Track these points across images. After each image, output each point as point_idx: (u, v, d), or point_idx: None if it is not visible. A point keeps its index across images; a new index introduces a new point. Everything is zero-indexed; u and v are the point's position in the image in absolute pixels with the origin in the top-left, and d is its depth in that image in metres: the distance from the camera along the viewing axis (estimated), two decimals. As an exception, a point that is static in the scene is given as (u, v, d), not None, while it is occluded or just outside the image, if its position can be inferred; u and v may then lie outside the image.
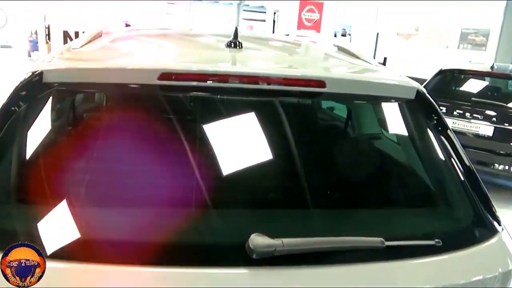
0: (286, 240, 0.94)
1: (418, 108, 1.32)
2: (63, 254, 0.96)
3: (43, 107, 1.17)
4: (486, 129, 4.98)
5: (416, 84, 1.33)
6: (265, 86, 1.18)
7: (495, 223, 1.19)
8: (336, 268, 1.01)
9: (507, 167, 4.96)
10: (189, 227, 1.02)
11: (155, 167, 1.14)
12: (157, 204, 1.06)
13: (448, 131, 1.30)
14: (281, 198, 1.16)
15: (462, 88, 5.74)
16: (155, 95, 1.24)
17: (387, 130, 1.57)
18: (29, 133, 1.13)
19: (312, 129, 1.53)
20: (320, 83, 1.19)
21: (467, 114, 5.13)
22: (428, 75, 6.07)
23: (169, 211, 1.05)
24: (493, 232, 1.17)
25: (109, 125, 1.32)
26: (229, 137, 1.23)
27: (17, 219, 1.06)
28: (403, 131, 1.37)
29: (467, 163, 1.26)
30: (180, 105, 1.30)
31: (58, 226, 1.01)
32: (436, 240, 1.05)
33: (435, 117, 1.31)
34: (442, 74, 5.89)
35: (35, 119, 1.16)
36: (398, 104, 1.35)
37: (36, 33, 19.46)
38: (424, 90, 1.33)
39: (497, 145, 4.96)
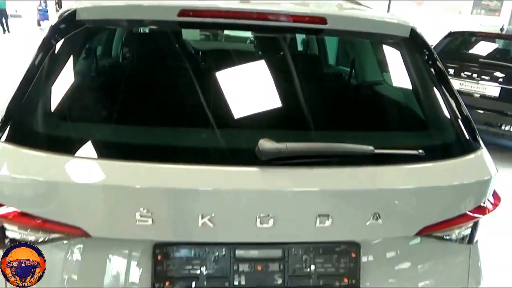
0: (290, 144, 1.10)
1: (412, 45, 1.45)
2: (102, 154, 1.13)
3: (77, 42, 1.33)
4: (493, 90, 5.05)
5: (411, 23, 1.45)
6: (273, 23, 1.31)
7: (476, 144, 1.34)
8: (332, 169, 1.17)
9: (513, 128, 5.03)
10: (212, 137, 1.20)
11: (181, 91, 1.31)
12: (186, 120, 1.24)
13: (438, 63, 1.43)
14: (287, 117, 1.31)
15: (470, 50, 5.75)
16: (174, 31, 1.38)
17: (384, 65, 1.71)
18: (66, 65, 1.29)
19: (314, 62, 1.65)
20: (322, 20, 1.31)
21: (475, 75, 5.18)
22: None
23: (196, 127, 1.23)
24: (474, 149, 1.32)
25: (134, 56, 1.47)
26: (242, 67, 1.38)
27: (58, 135, 1.22)
28: (398, 66, 1.51)
29: (455, 93, 1.40)
30: (197, 40, 1.45)
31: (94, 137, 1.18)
32: (420, 151, 1.20)
33: (427, 52, 1.43)
34: (452, 36, 5.89)
35: (71, 53, 1.31)
36: (394, 41, 1.47)
37: (45, 1, 19.41)
38: (418, 29, 1.45)
39: (504, 105, 5.03)
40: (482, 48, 5.66)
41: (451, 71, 5.39)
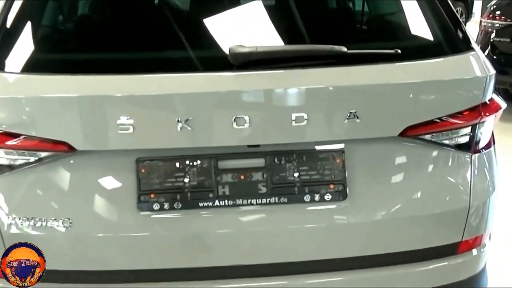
0: (261, 47, 1.09)
1: None
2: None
3: None
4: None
5: None
6: None
7: (466, 46, 1.25)
8: (304, 70, 1.13)
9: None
10: (194, 46, 1.22)
11: (161, 13, 1.43)
12: (174, 40, 1.27)
13: None
14: (266, 33, 1.25)
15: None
16: None
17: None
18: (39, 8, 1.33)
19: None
20: None
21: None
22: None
23: (172, 42, 1.27)
24: (462, 50, 1.23)
25: None
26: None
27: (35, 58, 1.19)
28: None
29: (450, 5, 1.32)
30: None
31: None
32: (395, 49, 1.14)
33: None
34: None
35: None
36: None
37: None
38: None
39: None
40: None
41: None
